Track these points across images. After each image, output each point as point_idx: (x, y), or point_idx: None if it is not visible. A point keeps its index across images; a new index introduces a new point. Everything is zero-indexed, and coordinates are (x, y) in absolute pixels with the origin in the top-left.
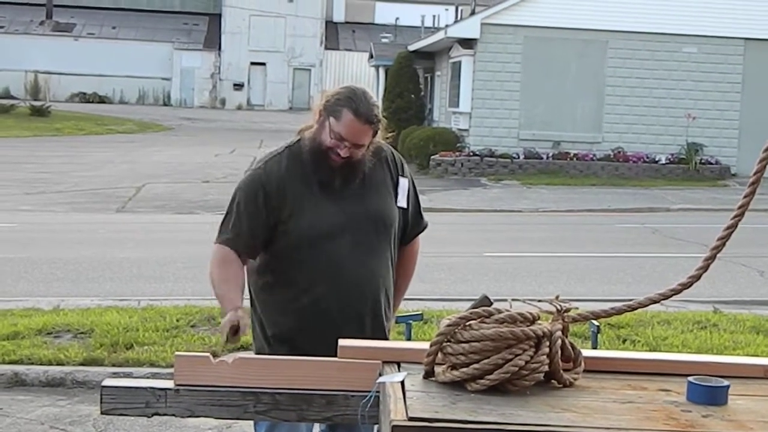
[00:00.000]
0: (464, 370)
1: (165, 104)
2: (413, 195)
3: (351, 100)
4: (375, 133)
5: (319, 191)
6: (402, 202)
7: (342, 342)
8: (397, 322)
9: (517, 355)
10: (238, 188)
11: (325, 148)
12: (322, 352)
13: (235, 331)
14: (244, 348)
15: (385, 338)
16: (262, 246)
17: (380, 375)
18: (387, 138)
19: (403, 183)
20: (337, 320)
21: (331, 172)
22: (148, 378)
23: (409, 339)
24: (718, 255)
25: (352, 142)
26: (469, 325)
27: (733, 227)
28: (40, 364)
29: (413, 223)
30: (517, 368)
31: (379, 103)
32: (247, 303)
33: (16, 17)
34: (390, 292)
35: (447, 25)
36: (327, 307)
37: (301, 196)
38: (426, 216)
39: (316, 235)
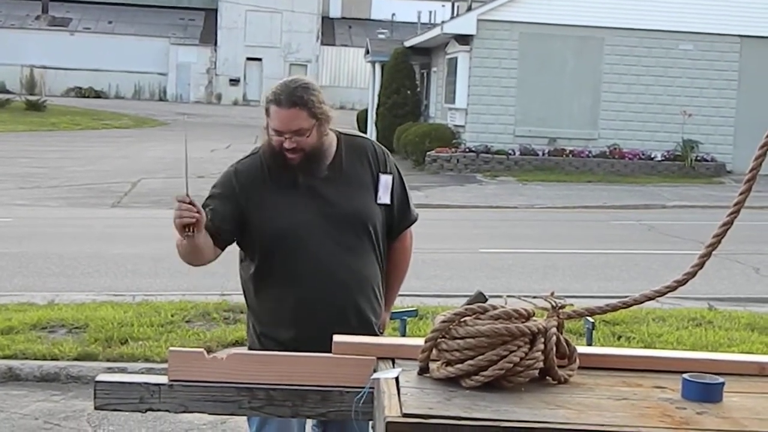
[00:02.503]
0: (459, 366)
1: (161, 99)
2: (399, 189)
3: (274, 92)
4: (315, 116)
5: (289, 192)
6: (384, 198)
7: (337, 338)
8: (391, 318)
9: (512, 352)
10: (214, 183)
11: (277, 150)
12: (310, 351)
13: (184, 225)
14: (239, 343)
15: (373, 335)
16: (230, 235)
17: (375, 371)
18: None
19: (385, 179)
20: (321, 319)
21: (292, 170)
22: (142, 373)
23: (403, 335)
24: (713, 252)
25: (289, 131)
26: (464, 321)
27: (728, 224)
28: (35, 359)
29: (400, 217)
30: (511, 365)
31: (317, 86)
32: (242, 301)
33: (12, 11)
34: (377, 289)
35: (443, 21)
36: (309, 305)
37: (272, 197)
38: (417, 210)
39: (291, 235)
